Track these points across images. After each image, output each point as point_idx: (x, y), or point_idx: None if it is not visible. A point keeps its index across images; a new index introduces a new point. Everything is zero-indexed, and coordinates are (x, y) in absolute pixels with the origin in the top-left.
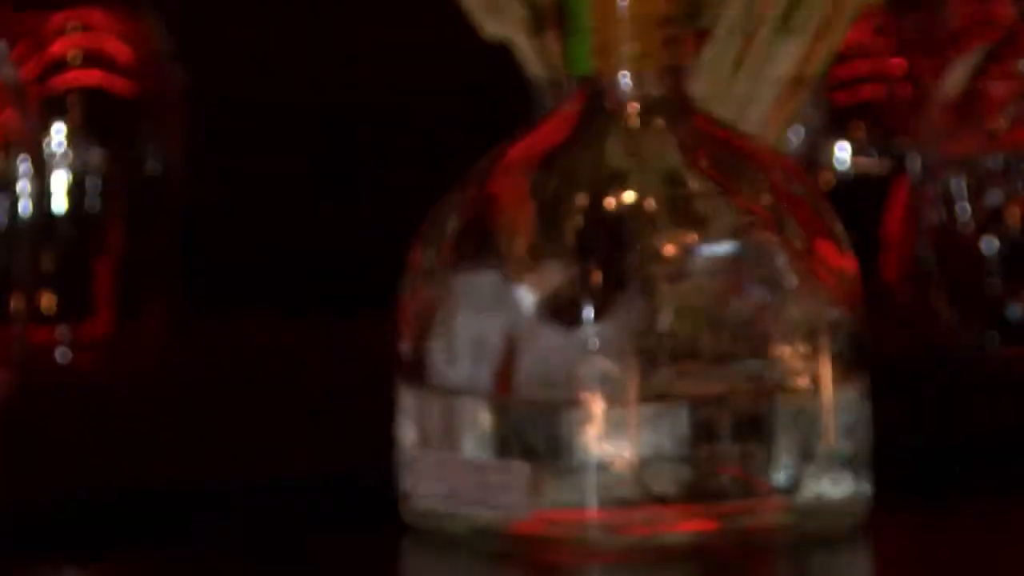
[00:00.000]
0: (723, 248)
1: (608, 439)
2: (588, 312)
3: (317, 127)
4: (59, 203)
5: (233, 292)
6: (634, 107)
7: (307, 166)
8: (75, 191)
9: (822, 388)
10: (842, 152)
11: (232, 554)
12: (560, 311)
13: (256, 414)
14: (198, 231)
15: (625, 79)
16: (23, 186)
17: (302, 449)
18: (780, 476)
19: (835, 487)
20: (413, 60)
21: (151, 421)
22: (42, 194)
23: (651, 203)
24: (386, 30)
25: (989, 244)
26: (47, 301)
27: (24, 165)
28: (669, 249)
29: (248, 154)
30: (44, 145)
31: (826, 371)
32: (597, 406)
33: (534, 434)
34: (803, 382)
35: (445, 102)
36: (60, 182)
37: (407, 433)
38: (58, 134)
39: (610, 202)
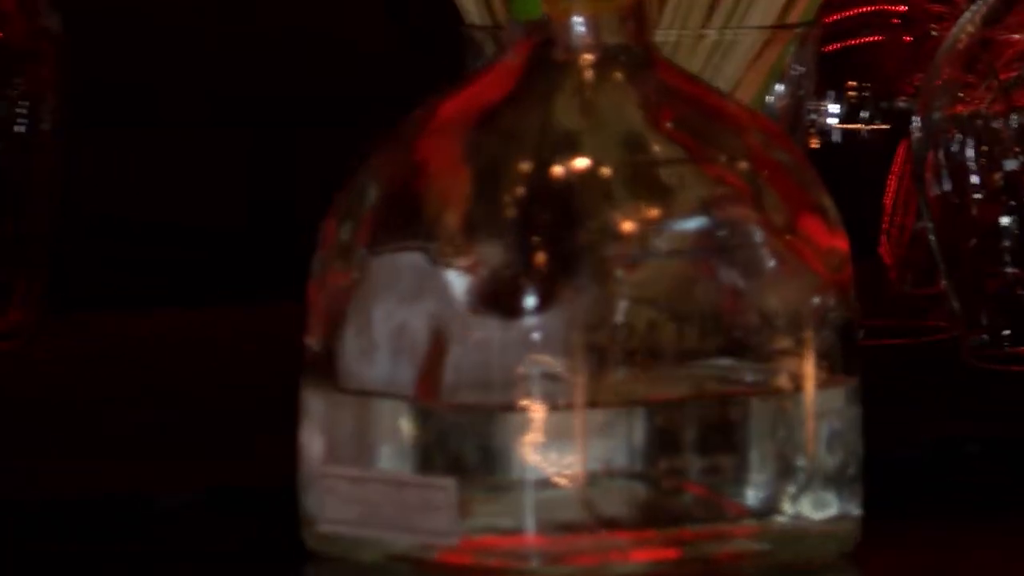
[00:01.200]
0: (691, 224)
1: (551, 451)
2: (530, 300)
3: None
4: None
5: (112, 277)
6: (588, 58)
7: (200, 136)
8: None
9: (805, 391)
10: (832, 112)
11: None
12: (497, 299)
13: (135, 417)
14: (72, 206)
15: (578, 25)
16: None
17: (187, 460)
18: (753, 495)
19: (818, 509)
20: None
21: (13, 424)
22: None
23: (607, 171)
24: None
25: (1003, 220)
26: None
27: None
28: (627, 226)
29: (128, 120)
30: None
31: (810, 370)
32: (538, 412)
33: (463, 445)
34: (782, 383)
35: (369, 50)
36: None
37: (313, 443)
38: None
39: (558, 169)
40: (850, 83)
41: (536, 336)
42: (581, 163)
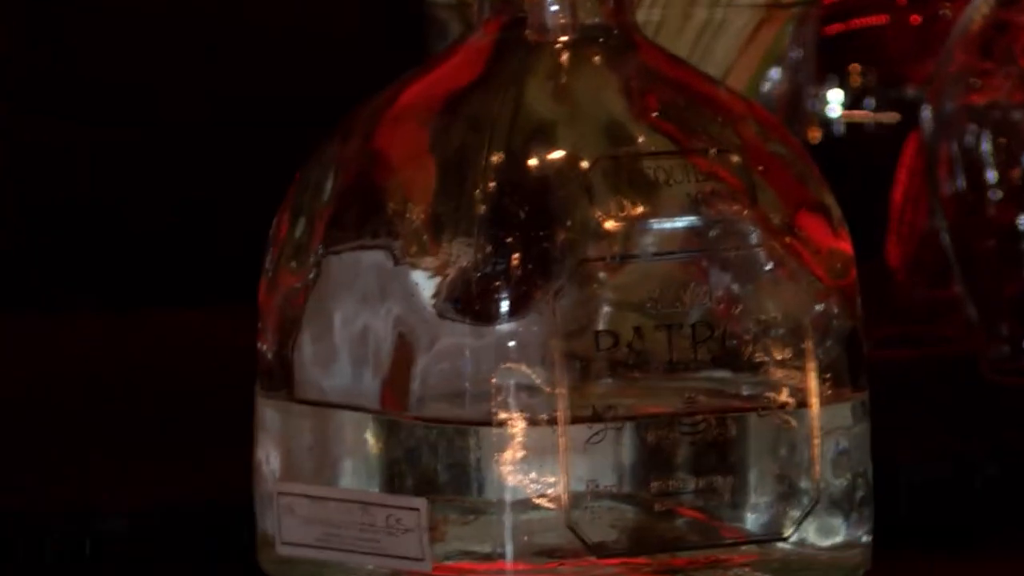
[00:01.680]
0: (679, 223)
1: (530, 469)
2: (504, 304)
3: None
4: None
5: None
6: (564, 39)
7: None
8: None
9: (807, 406)
10: (834, 100)
11: None
12: (467, 302)
13: (77, 428)
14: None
15: (552, 2)
16: None
17: (135, 476)
18: (753, 520)
19: (824, 535)
20: None
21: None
22: None
23: (585, 163)
24: None
25: (1022, 219)
26: None
27: None
28: (609, 224)
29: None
30: None
31: (812, 384)
32: (515, 427)
33: (434, 462)
34: (783, 398)
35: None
36: None
37: (269, 459)
38: None
39: (532, 161)
40: (854, 68)
41: (511, 343)
42: (557, 154)
